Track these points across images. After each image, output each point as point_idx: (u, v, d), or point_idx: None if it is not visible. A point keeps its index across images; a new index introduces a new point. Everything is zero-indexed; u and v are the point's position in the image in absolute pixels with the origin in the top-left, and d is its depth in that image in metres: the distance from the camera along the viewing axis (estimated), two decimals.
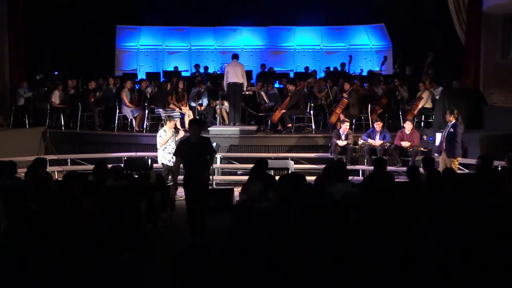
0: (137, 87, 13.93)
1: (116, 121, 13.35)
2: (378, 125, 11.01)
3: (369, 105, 12.94)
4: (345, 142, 10.94)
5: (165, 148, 10.11)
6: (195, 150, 7.10)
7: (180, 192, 10.20)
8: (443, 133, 10.15)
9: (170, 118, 10.56)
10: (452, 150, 9.85)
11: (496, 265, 4.04)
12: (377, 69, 16.53)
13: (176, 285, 2.88)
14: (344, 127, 11.10)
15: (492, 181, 6.36)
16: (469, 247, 4.21)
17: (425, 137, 11.61)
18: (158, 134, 10.23)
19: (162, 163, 10.16)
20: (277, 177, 7.21)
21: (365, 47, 18.32)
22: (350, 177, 7.63)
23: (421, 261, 4.06)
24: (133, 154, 12.04)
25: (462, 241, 4.31)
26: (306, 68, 17.10)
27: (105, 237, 5.82)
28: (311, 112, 12.96)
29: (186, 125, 12.65)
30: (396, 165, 10.77)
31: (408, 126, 10.88)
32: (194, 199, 7.17)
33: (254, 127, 13.07)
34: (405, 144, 10.70)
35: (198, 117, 13.40)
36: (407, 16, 16.80)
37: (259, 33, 18.69)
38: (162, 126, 10.66)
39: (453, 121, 9.98)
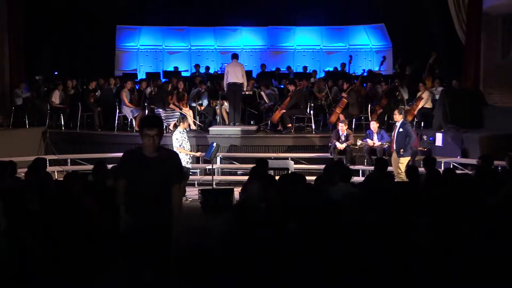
0: (137, 87, 13.94)
1: (116, 121, 13.35)
2: (373, 126, 10.98)
3: (369, 105, 12.95)
4: (344, 145, 10.92)
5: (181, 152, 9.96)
6: (150, 170, 4.44)
7: (187, 192, 10.27)
8: (393, 133, 10.07)
9: (184, 118, 10.34)
10: (404, 149, 9.74)
11: (495, 265, 4.04)
12: (376, 69, 16.54)
13: (177, 284, 2.88)
14: (342, 128, 11.08)
15: (492, 182, 6.36)
16: (468, 248, 4.21)
17: (425, 137, 11.61)
18: (174, 136, 10.01)
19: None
20: (277, 177, 7.23)
21: (365, 47, 18.34)
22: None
23: (421, 261, 4.06)
24: None
25: (461, 241, 4.32)
26: (305, 68, 17.11)
27: (105, 237, 5.81)
28: (311, 112, 12.97)
29: (191, 125, 12.64)
30: None
31: None
32: (144, 262, 4.47)
33: (254, 127, 13.08)
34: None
35: (198, 117, 13.39)
36: (407, 16, 16.81)
37: (259, 33, 18.70)
38: (175, 126, 10.51)
39: (401, 120, 9.90)
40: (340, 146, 10.90)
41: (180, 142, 9.87)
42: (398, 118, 9.91)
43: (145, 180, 4.46)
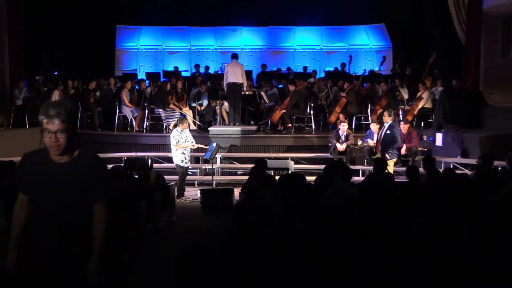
0: (137, 87, 13.95)
1: (116, 121, 13.35)
2: (374, 127, 10.99)
3: (369, 105, 12.95)
4: (344, 146, 10.91)
5: (178, 148, 10.12)
6: (58, 182, 3.11)
7: (187, 192, 10.33)
8: (379, 134, 10.01)
9: (183, 119, 10.48)
10: (388, 152, 9.68)
11: (495, 265, 4.04)
12: (376, 69, 16.55)
13: (179, 285, 2.88)
14: (343, 128, 11.08)
15: (492, 182, 6.36)
16: (468, 248, 4.21)
17: (425, 137, 11.62)
18: (172, 134, 10.18)
19: (177, 164, 10.15)
20: (277, 177, 7.23)
21: (365, 47, 18.34)
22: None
23: (421, 261, 4.06)
24: (133, 154, 12.05)
25: (461, 241, 4.31)
26: (305, 68, 17.11)
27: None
28: (311, 112, 12.97)
29: (191, 125, 12.68)
30: (396, 165, 10.75)
31: (404, 126, 10.88)
32: None
33: (254, 127, 13.08)
34: (403, 150, 10.63)
35: (198, 117, 13.39)
36: (407, 16, 16.80)
37: (259, 33, 18.70)
38: (174, 126, 10.59)
39: (390, 122, 9.84)
40: (341, 147, 10.89)
41: (177, 140, 10.00)
42: (388, 119, 9.87)
43: (50, 197, 3.08)
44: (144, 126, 13.15)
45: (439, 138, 11.31)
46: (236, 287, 3.68)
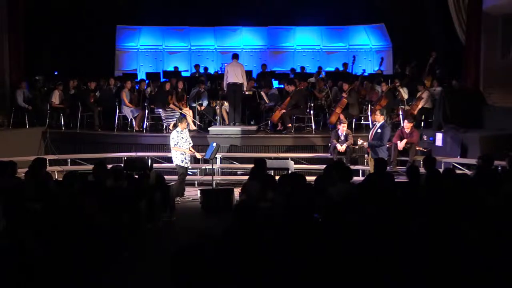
0: (137, 87, 13.95)
1: (116, 121, 13.35)
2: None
3: (369, 105, 12.95)
4: (344, 147, 10.89)
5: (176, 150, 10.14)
6: None
7: (187, 192, 10.35)
8: (371, 133, 9.99)
9: (182, 119, 10.52)
10: (376, 151, 9.66)
11: (495, 265, 4.04)
12: (375, 69, 16.55)
13: (174, 284, 2.88)
14: (342, 129, 11.07)
15: (492, 182, 6.36)
16: (468, 248, 4.21)
17: (425, 137, 11.61)
18: (171, 136, 10.22)
19: (177, 164, 10.20)
20: (277, 177, 7.23)
21: (365, 47, 18.32)
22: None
23: (420, 261, 4.06)
24: (133, 154, 12.05)
25: (461, 241, 4.31)
26: (302, 68, 17.09)
27: (105, 237, 5.82)
28: (311, 112, 12.96)
29: (191, 125, 12.73)
30: (391, 164, 10.65)
31: (407, 125, 10.87)
32: None
33: (254, 127, 13.08)
34: (402, 143, 10.62)
35: (198, 117, 13.41)
36: (407, 16, 16.80)
37: (259, 33, 18.69)
38: (174, 126, 10.59)
39: (382, 121, 9.81)
40: (341, 148, 10.87)
41: (176, 142, 10.03)
42: (379, 119, 9.81)
43: None
44: (144, 126, 13.15)
45: (439, 138, 11.31)
46: (235, 286, 3.68)
